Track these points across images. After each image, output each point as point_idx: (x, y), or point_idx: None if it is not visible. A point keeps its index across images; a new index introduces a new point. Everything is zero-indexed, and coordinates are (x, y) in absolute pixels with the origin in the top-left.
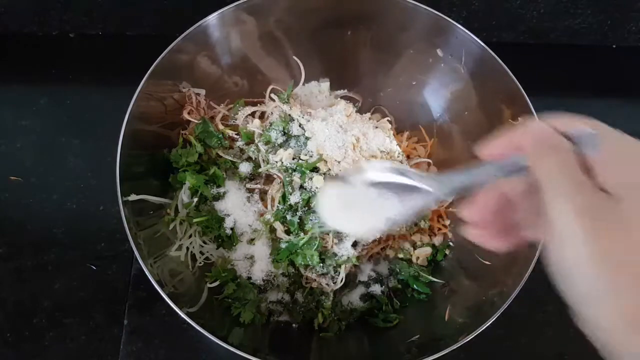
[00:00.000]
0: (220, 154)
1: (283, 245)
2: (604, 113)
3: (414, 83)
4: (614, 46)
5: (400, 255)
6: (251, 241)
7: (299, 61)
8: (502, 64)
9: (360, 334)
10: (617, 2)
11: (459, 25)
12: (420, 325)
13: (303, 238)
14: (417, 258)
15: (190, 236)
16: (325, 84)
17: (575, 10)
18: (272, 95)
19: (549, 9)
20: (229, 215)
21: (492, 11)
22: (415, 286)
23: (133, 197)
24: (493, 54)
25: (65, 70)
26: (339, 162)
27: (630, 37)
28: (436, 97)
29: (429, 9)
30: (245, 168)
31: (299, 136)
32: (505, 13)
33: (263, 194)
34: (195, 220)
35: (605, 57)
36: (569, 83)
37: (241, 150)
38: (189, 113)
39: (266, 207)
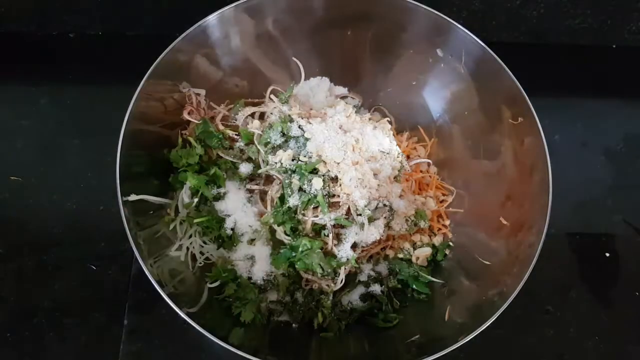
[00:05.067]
0: (221, 154)
1: (282, 251)
2: (604, 113)
3: (414, 83)
4: (614, 46)
5: (400, 256)
6: (251, 241)
7: (298, 62)
8: (502, 64)
9: (360, 334)
10: (617, 2)
11: (459, 25)
12: (420, 325)
13: (304, 244)
14: (417, 258)
15: (191, 236)
16: (325, 83)
17: (575, 10)
18: (272, 96)
19: (549, 9)
20: (229, 215)
21: (492, 11)
22: (414, 286)
23: (133, 197)
24: (493, 54)
25: (65, 70)
26: (338, 163)
27: (630, 37)
28: (436, 97)
29: (429, 9)
30: (245, 168)
31: (298, 137)
32: (505, 13)
33: (263, 195)
34: (195, 220)
35: (605, 57)
36: (569, 83)
37: (241, 150)
38: (189, 113)
39: (266, 207)
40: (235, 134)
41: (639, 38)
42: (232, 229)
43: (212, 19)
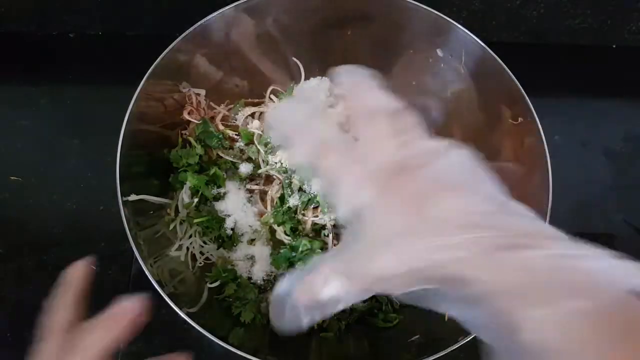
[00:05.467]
0: (221, 154)
1: (282, 251)
2: (604, 113)
3: (414, 83)
4: (614, 46)
5: None
6: (251, 242)
7: (298, 62)
8: (502, 64)
9: (360, 334)
10: (617, 2)
11: (459, 25)
12: (420, 325)
13: (304, 244)
14: None
15: (191, 236)
16: (325, 83)
17: (575, 10)
18: (272, 96)
19: (549, 9)
20: (229, 215)
21: (492, 11)
22: None
23: (133, 197)
24: (493, 54)
25: (65, 70)
26: None
27: (630, 37)
28: (436, 97)
29: (429, 9)
30: (245, 168)
31: None
32: (505, 13)
33: (263, 195)
34: (195, 220)
35: (605, 57)
36: (569, 83)
37: (241, 150)
38: (189, 113)
39: (266, 207)
40: (235, 134)
41: (639, 38)
42: (232, 229)
43: (212, 19)
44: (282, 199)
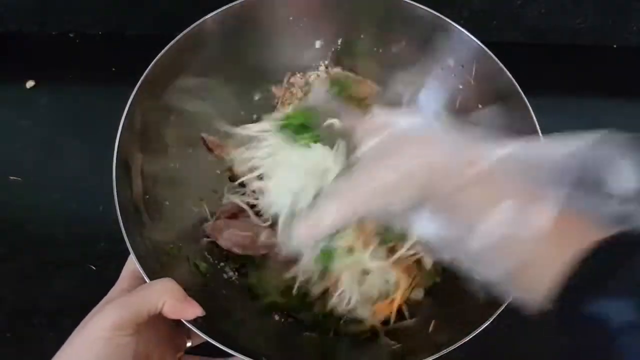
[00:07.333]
0: None
1: None
2: (604, 113)
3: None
4: (614, 46)
5: None
6: None
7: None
8: (501, 64)
9: (344, 336)
10: (617, 2)
11: (459, 26)
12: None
13: None
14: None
15: None
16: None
17: (575, 10)
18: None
19: (549, 9)
20: None
21: (492, 11)
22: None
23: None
24: (492, 54)
25: (65, 70)
26: None
27: (630, 37)
28: (437, 100)
29: (429, 10)
30: None
31: None
32: (506, 13)
33: None
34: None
35: (605, 57)
36: (569, 83)
37: None
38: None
39: None
40: None
41: (639, 38)
42: None
43: (211, 17)
44: None
